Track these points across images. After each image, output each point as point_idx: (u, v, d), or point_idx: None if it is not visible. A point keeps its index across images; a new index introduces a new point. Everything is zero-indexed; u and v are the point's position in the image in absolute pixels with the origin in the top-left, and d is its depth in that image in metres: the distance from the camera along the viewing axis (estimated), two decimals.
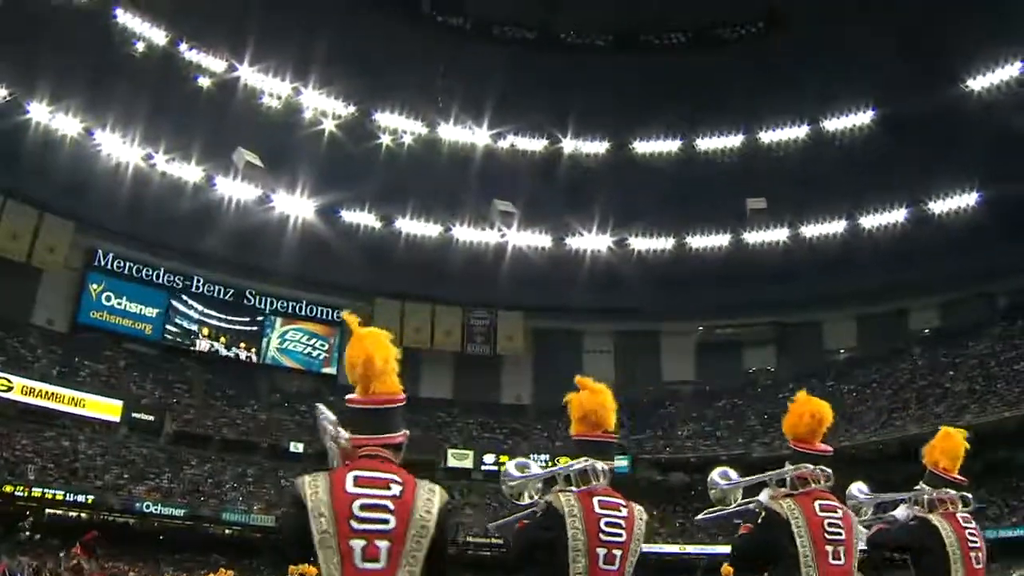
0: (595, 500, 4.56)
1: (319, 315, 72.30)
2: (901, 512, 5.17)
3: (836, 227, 68.83)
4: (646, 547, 4.06)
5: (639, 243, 73.44)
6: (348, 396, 3.91)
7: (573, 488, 4.71)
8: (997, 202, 61.02)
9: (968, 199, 63.61)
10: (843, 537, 4.51)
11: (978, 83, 60.30)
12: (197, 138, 61.90)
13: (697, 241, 72.80)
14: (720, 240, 72.30)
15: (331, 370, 70.28)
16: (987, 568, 5.11)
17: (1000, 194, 60.90)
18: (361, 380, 3.89)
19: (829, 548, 4.36)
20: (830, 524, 4.47)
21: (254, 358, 69.78)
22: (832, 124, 65.78)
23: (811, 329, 73.24)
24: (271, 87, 63.80)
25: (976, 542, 5.18)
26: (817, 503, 4.57)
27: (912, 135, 60.47)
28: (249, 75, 62.69)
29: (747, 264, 70.30)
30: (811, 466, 4.64)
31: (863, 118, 64.77)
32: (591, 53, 69.46)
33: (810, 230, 69.69)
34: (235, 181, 65.23)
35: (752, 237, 71.31)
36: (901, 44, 57.97)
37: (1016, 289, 63.94)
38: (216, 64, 61.76)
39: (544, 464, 4.65)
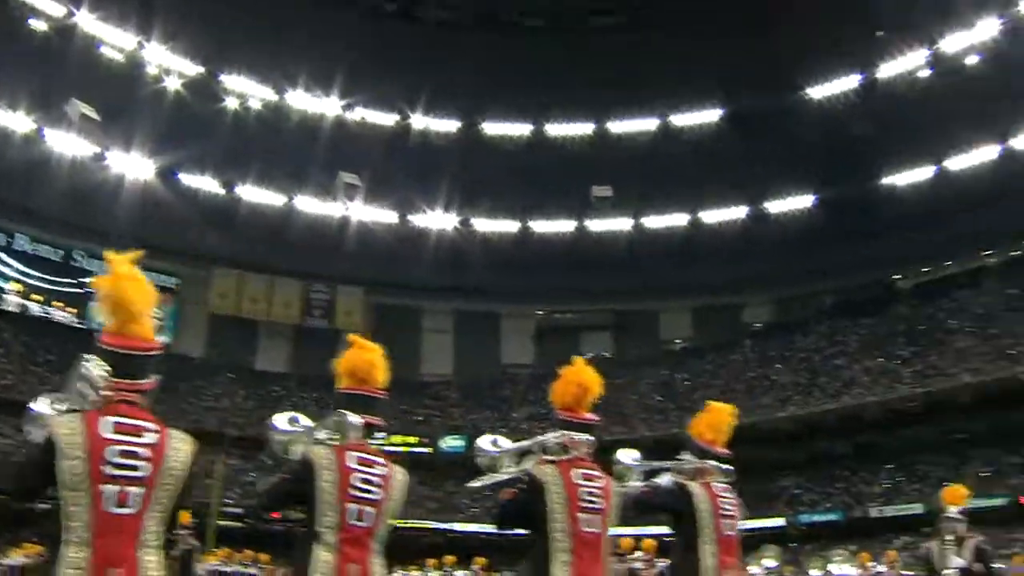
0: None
1: (152, 280, 69.15)
2: (664, 479, 5.41)
3: (679, 220, 70.70)
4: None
5: (484, 224, 73.64)
6: (103, 337, 3.93)
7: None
8: (830, 205, 63.97)
9: (804, 201, 66.40)
10: (600, 505, 4.60)
11: (817, 91, 63.00)
12: (27, 85, 58.20)
13: (541, 226, 73.46)
14: (565, 226, 73.17)
15: (165, 339, 67.49)
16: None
17: (833, 197, 63.86)
18: (118, 321, 3.95)
19: (584, 515, 4.45)
20: (588, 492, 4.56)
21: (77, 321, 66.18)
22: (680, 119, 67.41)
23: (649, 318, 75.07)
24: (113, 38, 60.46)
25: (729, 510, 5.57)
26: (578, 471, 4.66)
27: (755, 136, 62.77)
28: (89, 22, 59.06)
29: (590, 251, 71.55)
30: (574, 434, 4.66)
31: (711, 115, 66.70)
32: (449, 29, 68.74)
33: (653, 221, 71.37)
34: (68, 135, 61.49)
35: (596, 225, 72.47)
36: (749, 47, 59.68)
37: (842, 288, 67.33)
38: (53, 7, 57.98)
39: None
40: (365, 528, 4.25)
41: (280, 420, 4.72)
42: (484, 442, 5.36)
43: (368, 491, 4.28)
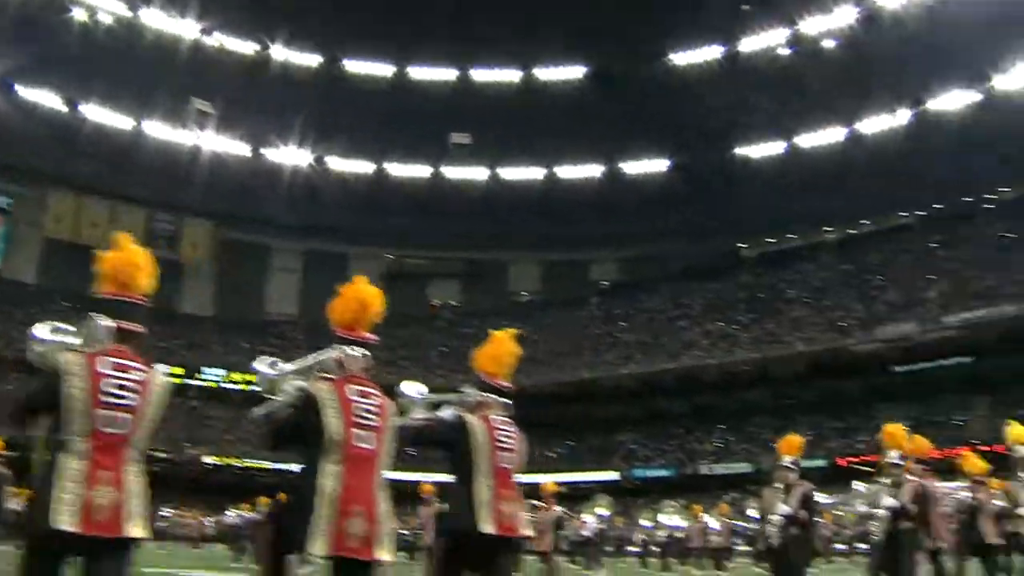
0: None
1: None
2: (446, 412, 5.61)
3: (535, 174, 71.12)
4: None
5: (339, 164, 72.41)
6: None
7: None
8: (684, 170, 65.52)
9: (660, 164, 67.77)
10: (376, 423, 4.62)
11: (681, 58, 64.15)
12: None
13: (398, 169, 72.72)
14: (421, 171, 72.63)
15: None
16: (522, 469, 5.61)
17: (688, 163, 65.44)
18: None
19: (359, 431, 4.48)
20: (364, 409, 4.59)
21: None
22: (545, 73, 67.51)
23: (499, 269, 75.66)
24: None
25: (507, 443, 5.56)
26: (354, 387, 4.70)
27: (617, 97, 63.61)
28: None
29: (445, 198, 71.37)
30: (350, 350, 4.85)
31: (575, 72, 67.07)
32: None
33: (510, 173, 71.64)
34: None
35: (453, 172, 72.21)
36: (618, 9, 60.18)
37: (690, 253, 69.33)
38: None
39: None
40: (119, 435, 4.16)
41: (41, 329, 4.50)
42: (262, 365, 5.24)
43: (122, 397, 4.18)
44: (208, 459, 57.99)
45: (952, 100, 59.68)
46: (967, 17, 52.16)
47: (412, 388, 5.70)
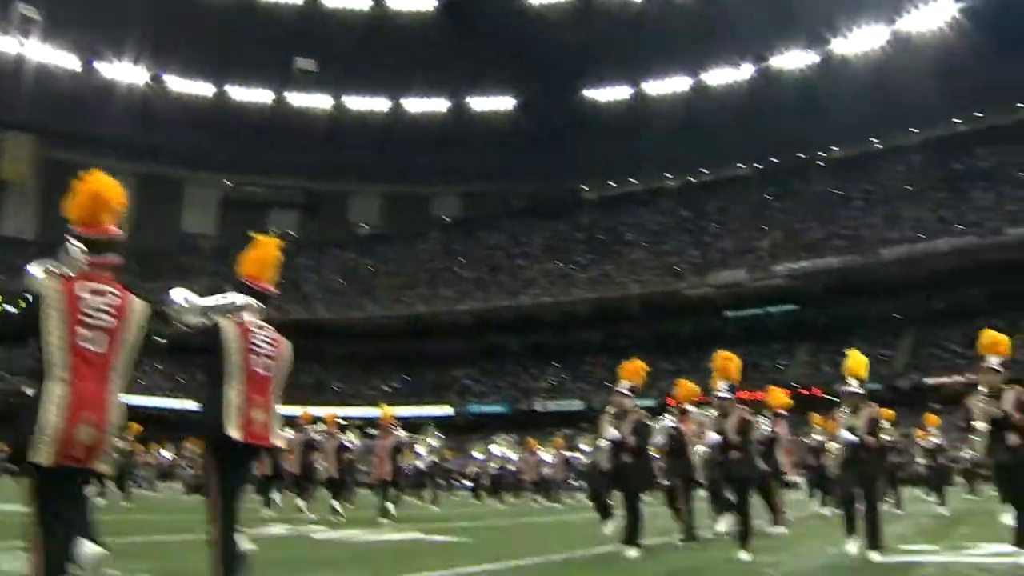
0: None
1: None
2: (194, 318, 5.44)
3: (381, 104, 69.72)
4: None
5: (177, 83, 69.06)
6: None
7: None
8: (531, 109, 65.33)
9: (506, 102, 67.29)
10: (109, 324, 4.32)
11: None
12: None
13: (240, 92, 69.96)
14: (263, 95, 70.12)
15: None
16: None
17: (535, 102, 65.24)
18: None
19: (85, 331, 4.19)
20: (94, 308, 4.29)
21: None
22: (395, 2, 65.89)
23: (339, 200, 74.12)
24: None
25: (262, 348, 5.34)
26: (87, 284, 4.39)
27: (467, 32, 62.81)
28: None
29: (287, 125, 69.17)
30: (79, 246, 4.59)
31: (426, 3, 65.70)
32: None
33: (356, 103, 69.99)
34: None
35: (297, 99, 70.06)
36: None
37: (532, 192, 69.57)
38: None
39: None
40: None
41: (177, 296, 4.93)
42: (177, 296, 5.32)
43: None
44: None
45: (793, 59, 61.29)
46: None
47: (179, 295, 5.47)
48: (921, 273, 52.82)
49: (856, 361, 8.36)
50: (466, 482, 35.21)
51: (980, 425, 7.15)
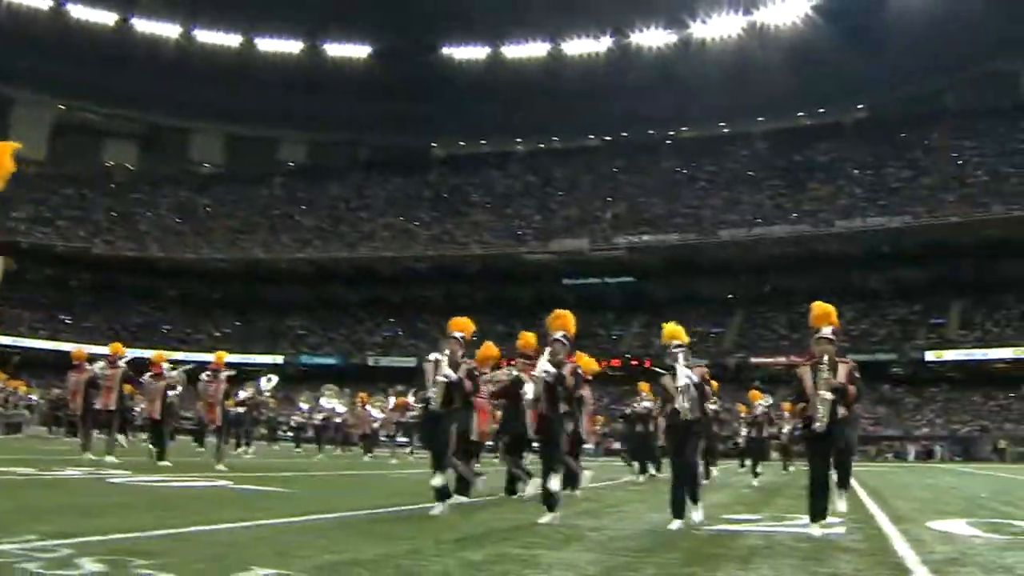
0: None
1: None
2: None
3: (232, 40, 66.53)
4: None
5: None
6: None
7: None
8: (387, 60, 63.88)
9: (363, 50, 65.55)
10: None
11: None
12: None
13: (79, 11, 65.39)
14: (105, 16, 65.92)
15: None
16: None
17: (391, 54, 63.83)
18: None
19: None
20: None
21: None
22: None
23: (180, 136, 71.09)
24: None
25: None
26: None
27: None
28: None
29: (131, 52, 65.24)
30: None
31: None
32: None
33: (205, 36, 66.63)
34: None
35: (143, 25, 66.29)
36: None
37: (380, 145, 68.34)
38: None
39: None
40: None
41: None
42: None
43: None
44: None
45: (653, 38, 61.67)
46: None
47: None
48: (755, 256, 54.45)
49: (674, 329, 8.18)
50: (289, 433, 34.30)
51: (824, 394, 6.92)
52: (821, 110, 62.11)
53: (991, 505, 11.18)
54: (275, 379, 25.70)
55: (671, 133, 65.07)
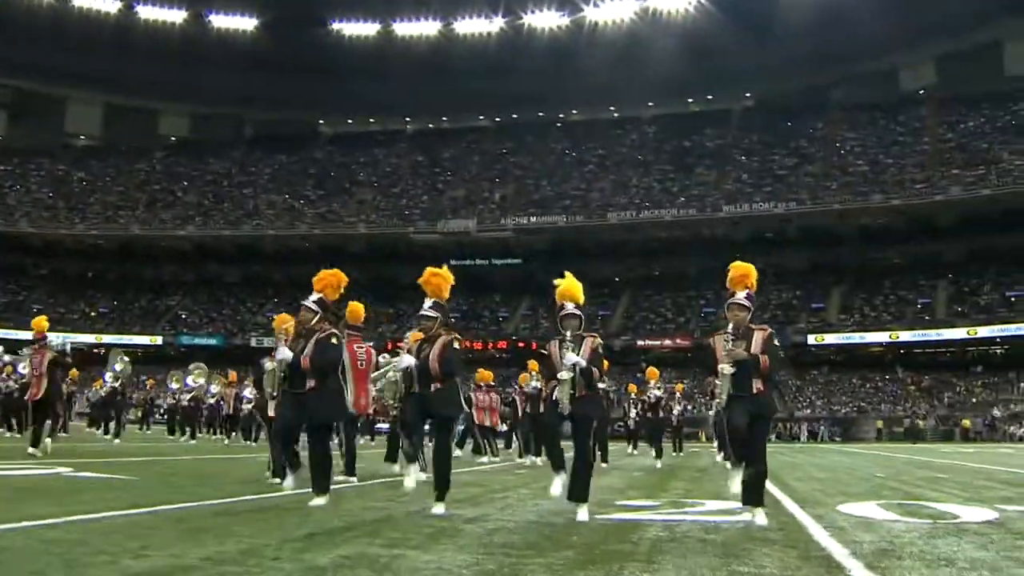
0: None
1: None
2: None
3: (110, 5, 63.29)
4: None
5: None
6: None
7: None
8: (274, 33, 62.01)
9: (249, 22, 63.32)
10: None
11: None
12: None
13: None
14: None
15: None
16: None
17: (278, 27, 61.98)
18: None
19: None
20: None
21: None
22: None
23: (55, 104, 67.62)
24: None
25: None
26: None
27: None
28: None
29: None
30: None
31: None
32: None
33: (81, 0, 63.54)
34: None
35: None
36: None
37: (267, 120, 66.46)
38: None
39: None
40: None
41: None
42: None
43: None
44: None
45: (546, 19, 61.06)
46: None
47: None
48: (642, 240, 54.68)
49: (569, 285, 7.03)
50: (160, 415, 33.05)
51: (725, 368, 6.16)
52: (710, 97, 62.54)
53: (892, 485, 10.72)
54: (127, 360, 24.03)
55: (561, 116, 64.86)
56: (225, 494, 7.69)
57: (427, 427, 7.26)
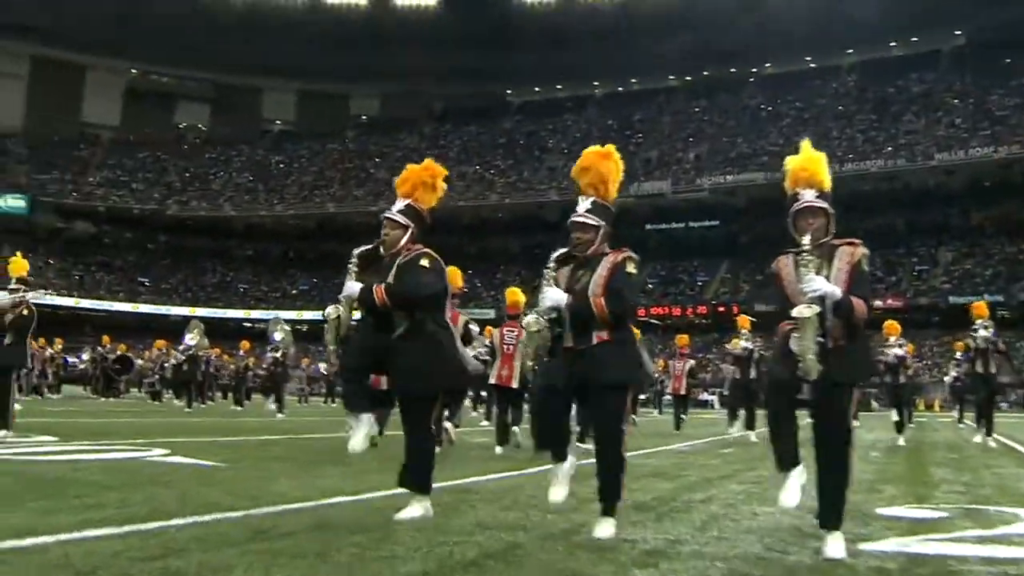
0: None
1: None
2: None
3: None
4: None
5: None
6: None
7: None
8: (457, 8, 61.91)
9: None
10: None
11: None
12: None
13: None
14: None
15: None
16: None
17: (461, 1, 61.87)
18: None
19: None
20: None
21: None
22: None
23: (252, 95, 70.31)
24: None
25: None
26: None
27: None
28: None
29: (199, 14, 64.34)
30: None
31: None
32: None
33: None
34: None
35: None
36: None
37: (451, 95, 66.48)
38: None
39: None
40: None
41: None
42: None
43: None
44: None
45: None
46: None
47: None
48: (847, 194, 51.61)
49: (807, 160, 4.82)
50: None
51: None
52: (914, 39, 58.42)
53: None
54: (287, 328, 22.04)
55: (753, 70, 62.10)
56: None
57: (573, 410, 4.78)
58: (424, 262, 4.68)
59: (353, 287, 4.85)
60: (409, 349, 4.56)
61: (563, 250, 4.42)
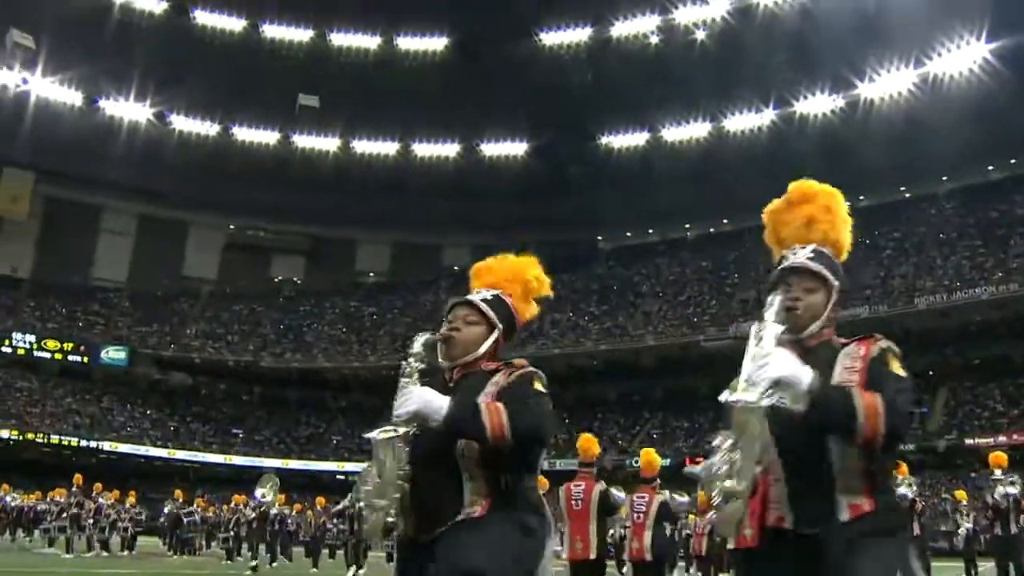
0: None
1: None
2: None
3: (388, 148, 67.24)
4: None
5: (182, 122, 66.60)
6: None
7: None
8: (545, 155, 62.73)
9: (518, 148, 64.63)
10: None
11: (549, 38, 61.34)
12: None
13: (244, 133, 67.49)
14: (268, 136, 67.63)
15: None
16: None
17: (549, 148, 62.67)
18: None
19: None
20: None
21: None
22: (406, 42, 63.74)
23: (346, 247, 71.78)
24: None
25: None
26: None
27: (480, 73, 60.20)
28: None
29: (294, 168, 66.61)
30: None
31: (438, 43, 63.52)
32: None
33: (362, 146, 67.56)
34: None
35: (303, 141, 67.69)
36: None
37: (545, 241, 66.44)
38: None
39: None
40: None
41: None
42: None
43: None
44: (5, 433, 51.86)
45: (817, 104, 58.53)
46: (838, 20, 51.05)
47: None
48: (956, 324, 49.78)
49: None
50: None
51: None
52: (1013, 161, 56.99)
53: None
54: (276, 481, 21.29)
55: (847, 203, 60.98)
56: None
57: None
58: (539, 386, 3.27)
59: (428, 397, 3.02)
60: (478, 540, 2.90)
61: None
